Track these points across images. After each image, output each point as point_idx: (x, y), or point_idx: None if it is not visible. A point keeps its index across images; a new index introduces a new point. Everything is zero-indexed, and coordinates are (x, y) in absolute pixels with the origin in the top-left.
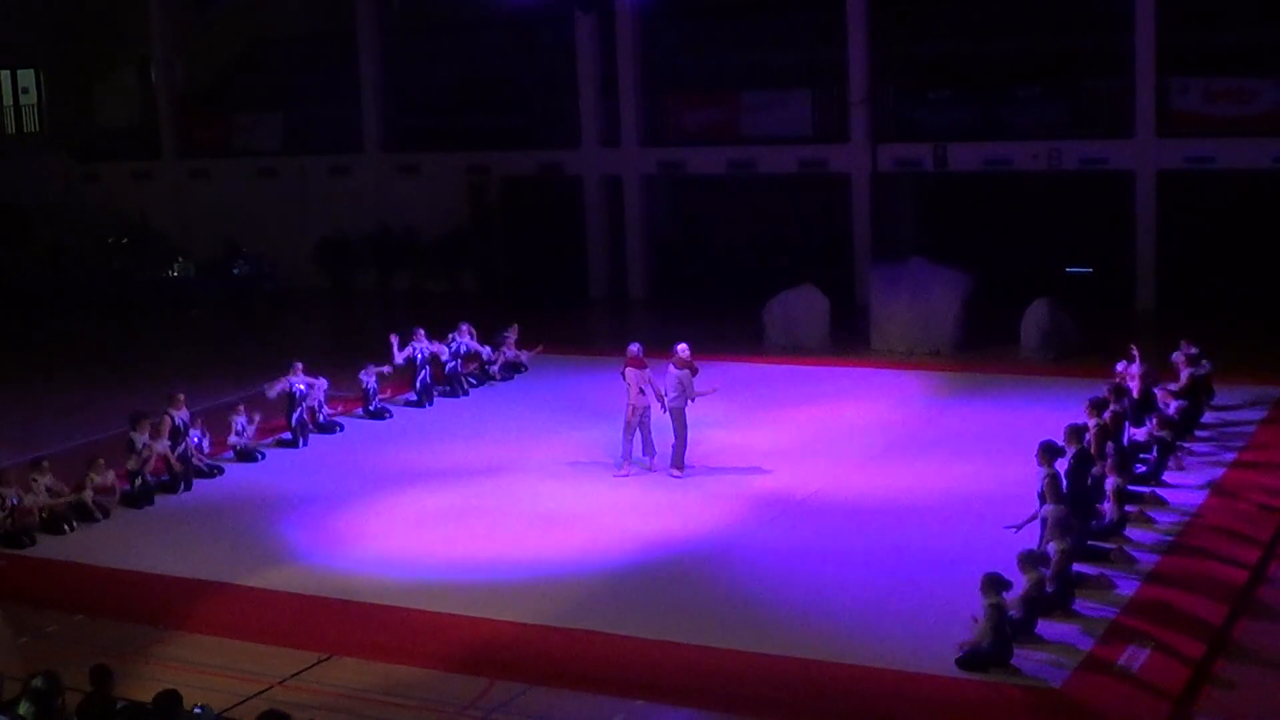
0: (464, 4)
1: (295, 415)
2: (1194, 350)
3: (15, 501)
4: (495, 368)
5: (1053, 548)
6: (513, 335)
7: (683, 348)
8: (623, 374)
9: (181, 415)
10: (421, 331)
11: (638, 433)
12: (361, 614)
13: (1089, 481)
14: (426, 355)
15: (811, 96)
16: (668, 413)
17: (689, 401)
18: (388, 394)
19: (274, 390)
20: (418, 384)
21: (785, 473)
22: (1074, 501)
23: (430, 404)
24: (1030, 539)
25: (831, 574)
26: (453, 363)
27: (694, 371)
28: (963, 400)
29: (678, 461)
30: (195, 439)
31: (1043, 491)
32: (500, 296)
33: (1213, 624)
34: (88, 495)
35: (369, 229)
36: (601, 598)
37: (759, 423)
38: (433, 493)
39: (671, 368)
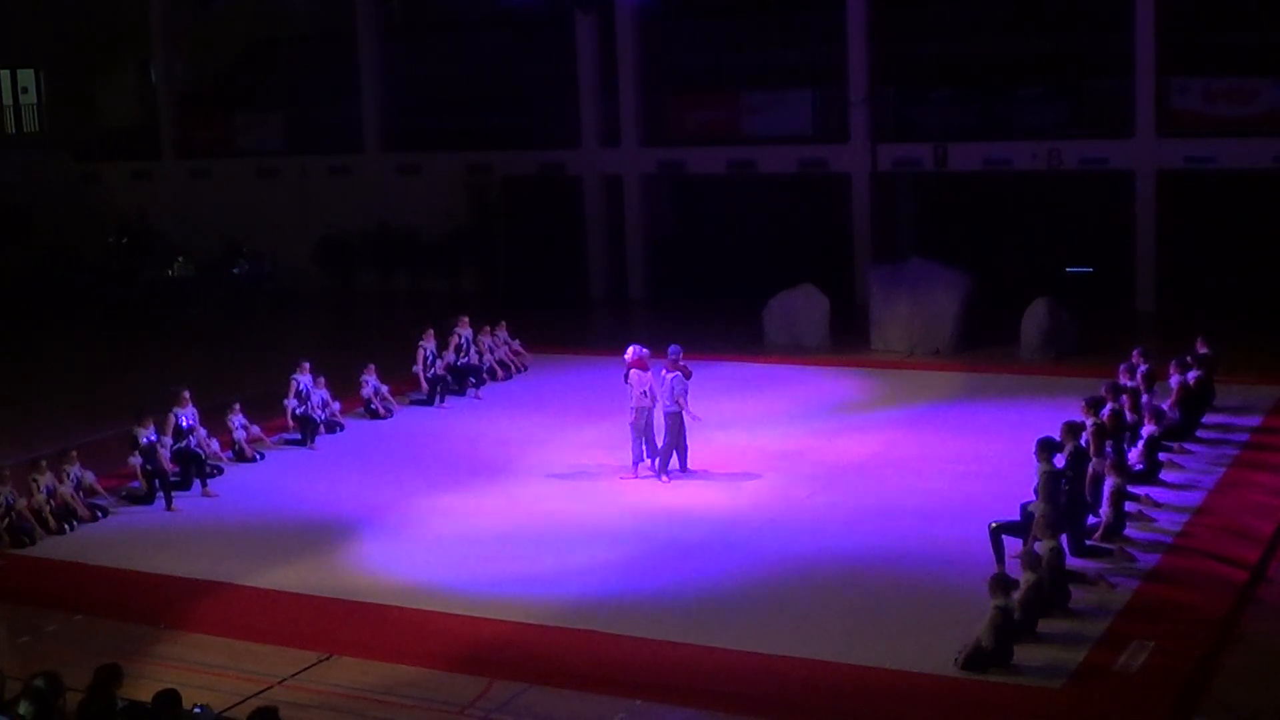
0: (464, 4)
1: (301, 413)
2: (1205, 350)
3: (12, 501)
4: (488, 359)
5: (1039, 546)
6: (503, 333)
7: (674, 350)
8: (625, 376)
9: (187, 414)
10: (431, 331)
11: (646, 434)
12: (362, 613)
13: (1086, 480)
14: (435, 354)
15: (811, 96)
16: (665, 417)
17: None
18: (389, 387)
19: (290, 399)
20: (426, 381)
21: (785, 473)
22: (1070, 499)
23: (442, 402)
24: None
25: (832, 574)
26: (463, 360)
27: (687, 375)
28: (963, 400)
29: (663, 466)
30: (205, 435)
31: (1038, 487)
32: (500, 296)
33: (1213, 623)
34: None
35: (369, 229)
36: (602, 597)
37: (759, 423)
38: (433, 492)
39: (664, 371)
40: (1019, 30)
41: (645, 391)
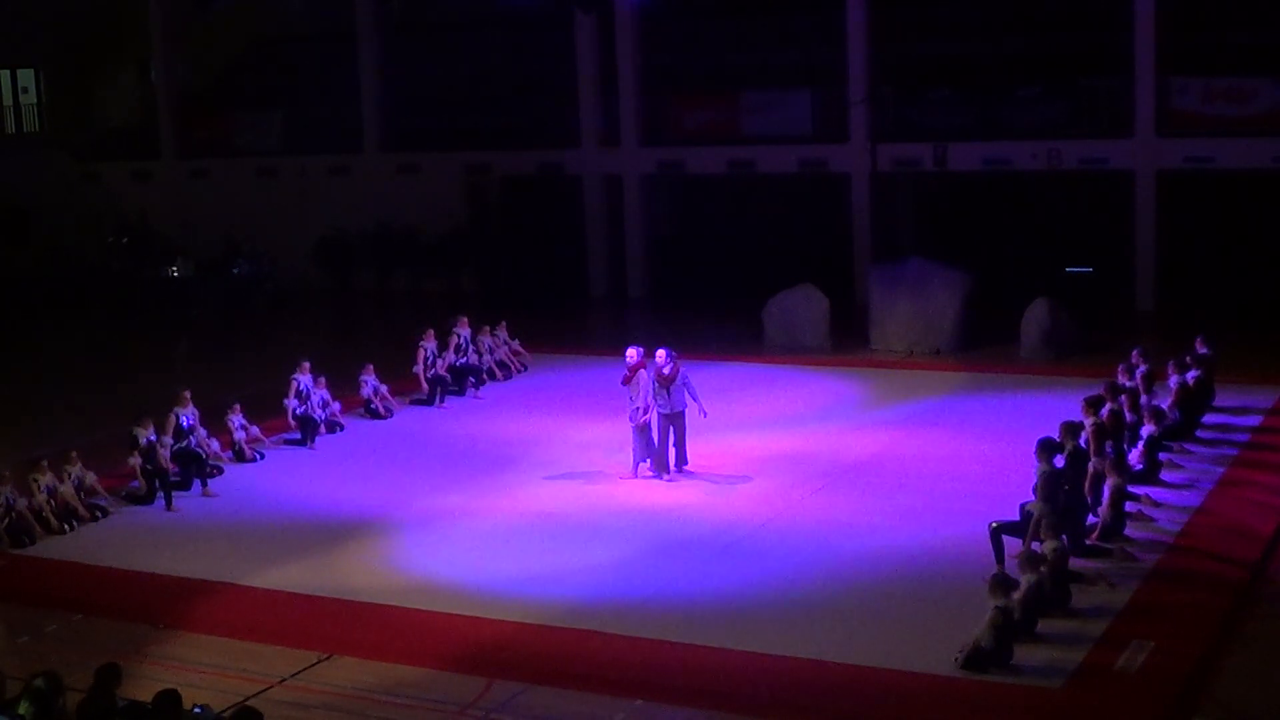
0: (464, 4)
1: (301, 413)
2: (1205, 351)
3: (12, 501)
4: (487, 359)
5: (1039, 546)
6: (503, 333)
7: (661, 355)
8: (626, 380)
9: (187, 414)
10: (431, 331)
11: (646, 434)
12: (362, 613)
13: (1086, 480)
14: (436, 355)
15: (811, 96)
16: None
17: (683, 405)
18: (389, 386)
19: (290, 399)
20: (426, 381)
21: (784, 473)
22: (1070, 499)
23: (442, 403)
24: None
25: (831, 574)
26: (463, 360)
27: (662, 379)
28: (962, 400)
29: (661, 466)
30: (205, 435)
31: (1037, 487)
32: (500, 296)
33: (1213, 623)
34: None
35: (368, 229)
36: (602, 597)
37: (758, 423)
38: (433, 493)
39: (650, 374)
40: (1019, 30)
41: (648, 390)
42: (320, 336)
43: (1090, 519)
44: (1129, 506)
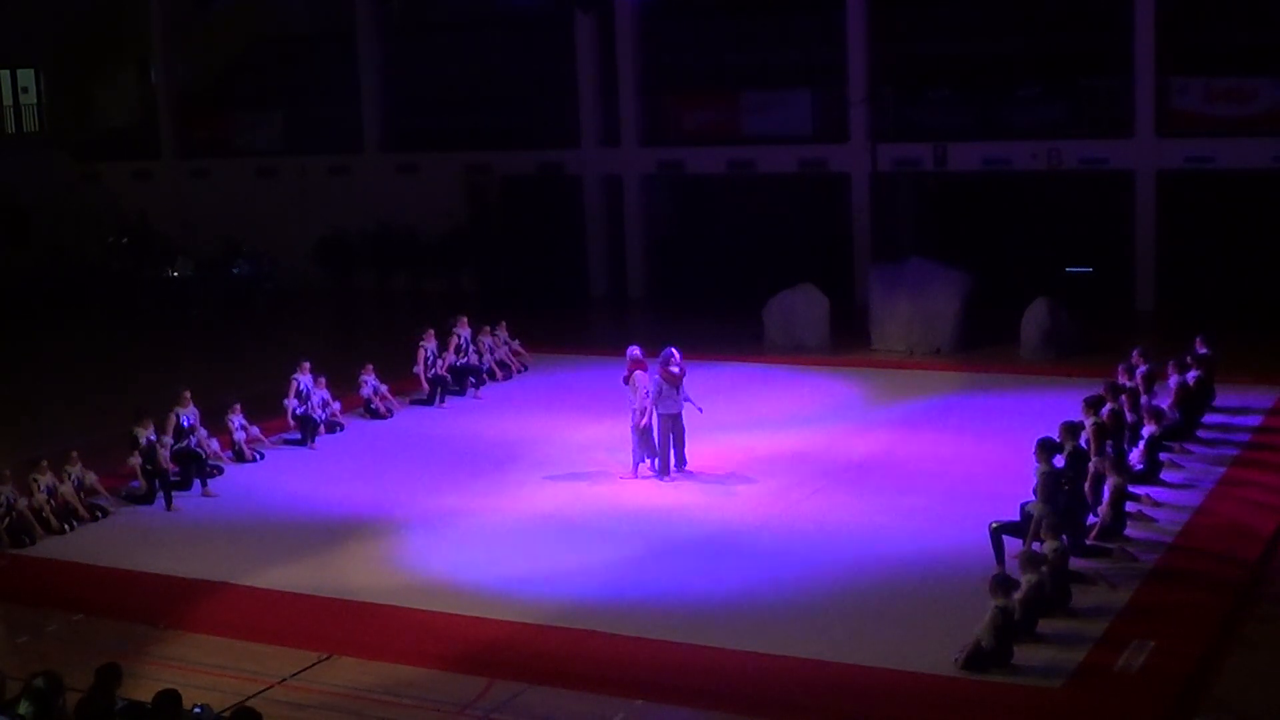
0: (464, 4)
1: (301, 413)
2: (1205, 351)
3: (12, 501)
4: (488, 359)
5: (1039, 546)
6: (503, 333)
7: (665, 353)
8: (627, 379)
9: (188, 414)
10: (432, 331)
11: (646, 435)
12: (362, 613)
13: (1087, 480)
14: (436, 355)
15: (811, 96)
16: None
17: (682, 406)
18: (389, 386)
19: (290, 400)
20: (426, 381)
21: (784, 473)
22: (1070, 499)
23: (442, 403)
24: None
25: (831, 573)
26: (463, 360)
27: (669, 380)
28: (962, 400)
29: (663, 466)
30: (205, 435)
31: (1037, 488)
32: (500, 296)
33: (1213, 623)
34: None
35: (368, 229)
36: (602, 597)
37: (759, 423)
38: (433, 492)
39: (656, 374)
40: (1019, 30)
41: (648, 392)
42: (320, 336)
43: (1090, 519)
44: (1129, 506)
